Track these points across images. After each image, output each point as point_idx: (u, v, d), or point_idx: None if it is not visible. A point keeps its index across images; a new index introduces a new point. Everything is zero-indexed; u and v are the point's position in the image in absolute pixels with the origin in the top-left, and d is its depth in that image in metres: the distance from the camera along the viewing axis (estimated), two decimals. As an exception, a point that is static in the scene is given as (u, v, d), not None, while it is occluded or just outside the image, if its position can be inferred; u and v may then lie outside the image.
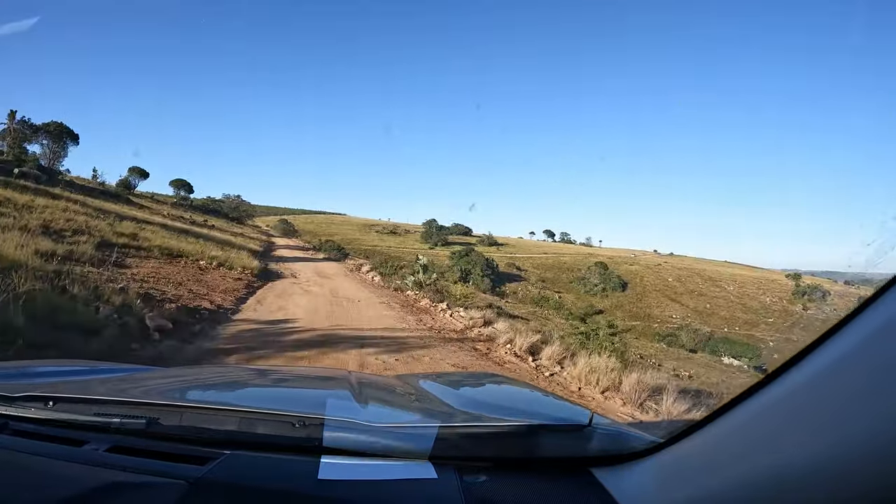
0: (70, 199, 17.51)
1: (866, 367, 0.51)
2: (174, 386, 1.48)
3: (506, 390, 1.85)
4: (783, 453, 0.56)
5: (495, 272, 43.76)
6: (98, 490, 0.74)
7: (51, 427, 0.97)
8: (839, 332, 0.57)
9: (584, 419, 0.98)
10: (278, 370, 2.66)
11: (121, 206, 26.24)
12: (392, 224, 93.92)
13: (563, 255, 68.17)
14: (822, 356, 0.58)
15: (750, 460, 0.61)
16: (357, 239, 66.69)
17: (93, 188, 32.66)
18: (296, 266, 20.31)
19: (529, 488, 0.86)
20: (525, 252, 69.44)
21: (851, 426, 0.49)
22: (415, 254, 64.73)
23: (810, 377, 0.58)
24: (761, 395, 0.65)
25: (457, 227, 77.86)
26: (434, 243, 66.90)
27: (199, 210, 46.94)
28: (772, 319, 46.13)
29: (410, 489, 0.82)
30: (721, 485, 0.65)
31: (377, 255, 31.58)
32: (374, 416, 1.02)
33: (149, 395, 1.20)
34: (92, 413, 0.98)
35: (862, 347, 0.53)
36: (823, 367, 0.57)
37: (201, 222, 36.41)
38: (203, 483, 0.78)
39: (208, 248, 15.43)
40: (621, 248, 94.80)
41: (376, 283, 17.63)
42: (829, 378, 0.56)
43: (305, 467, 0.85)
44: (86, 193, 25.32)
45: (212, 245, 17.40)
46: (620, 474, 0.88)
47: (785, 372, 0.62)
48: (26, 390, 1.05)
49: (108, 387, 1.30)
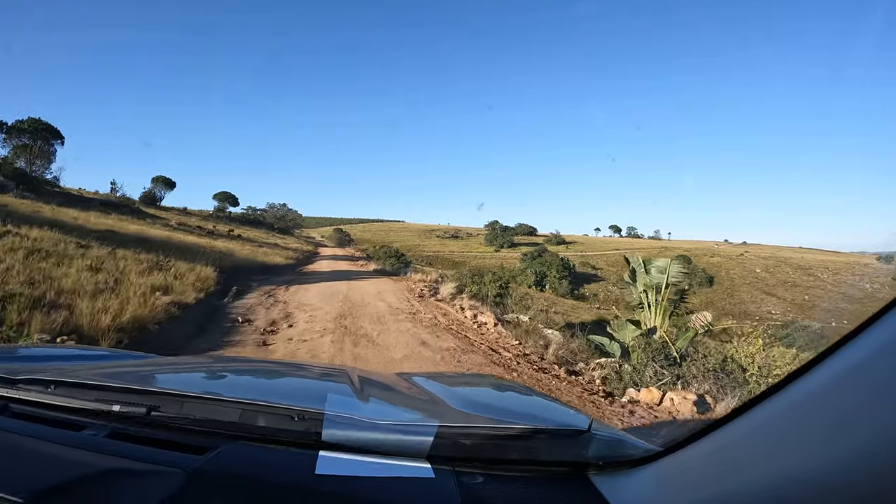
0: None
1: (879, 378, 0.50)
2: (175, 374, 1.45)
3: (507, 393, 1.68)
4: (783, 466, 0.55)
5: (572, 273, 40.08)
6: (95, 475, 0.71)
7: (51, 411, 0.96)
8: (845, 346, 0.55)
9: (583, 425, 0.93)
10: (280, 364, 2.73)
11: (111, 219, 18.54)
12: (453, 228, 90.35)
13: (636, 251, 61.10)
14: (826, 369, 0.56)
15: (749, 472, 0.59)
16: (417, 245, 64.51)
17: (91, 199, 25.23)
18: (318, 292, 10.45)
19: (526, 491, 0.83)
20: (594, 249, 66.24)
21: (855, 440, 0.48)
22: (485, 258, 55.49)
23: (814, 390, 0.57)
24: (763, 408, 0.63)
25: (521, 227, 74.46)
26: (500, 245, 63.98)
27: (237, 222, 39.64)
28: (883, 310, 37.76)
29: (407, 487, 0.79)
30: (719, 496, 0.63)
31: (444, 263, 23.32)
32: (373, 413, 1.01)
33: (149, 382, 1.16)
34: (92, 398, 0.97)
35: (878, 356, 0.51)
36: (827, 381, 0.55)
37: (225, 233, 28.23)
38: (201, 473, 0.76)
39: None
40: (691, 240, 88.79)
41: (492, 334, 7.35)
42: (834, 391, 0.54)
43: (303, 461, 0.83)
44: (81, 207, 19.20)
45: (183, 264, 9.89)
46: (618, 481, 0.85)
47: (788, 385, 0.60)
48: (28, 373, 1.04)
49: (110, 373, 1.26)
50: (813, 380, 0.57)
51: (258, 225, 42.41)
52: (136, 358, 1.64)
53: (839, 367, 0.54)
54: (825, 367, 0.56)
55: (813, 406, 0.55)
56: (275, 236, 38.14)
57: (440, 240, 74.22)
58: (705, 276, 46.81)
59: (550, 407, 1.46)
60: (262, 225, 43.35)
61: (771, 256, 57.62)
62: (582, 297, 38.07)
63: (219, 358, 3.58)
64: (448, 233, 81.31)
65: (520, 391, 1.85)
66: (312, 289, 10.84)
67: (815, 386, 0.56)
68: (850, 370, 0.52)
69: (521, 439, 0.90)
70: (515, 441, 0.90)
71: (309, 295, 9.73)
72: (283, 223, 47.29)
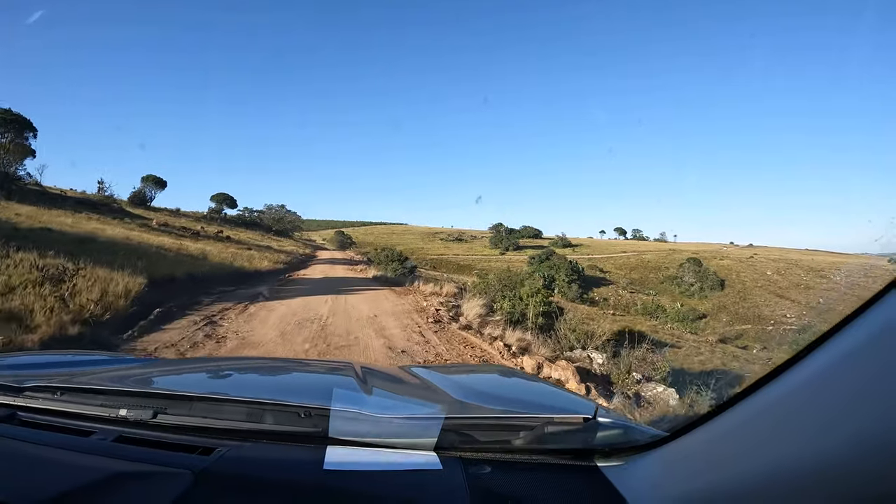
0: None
1: (872, 365, 0.50)
2: (180, 376, 1.44)
3: (511, 382, 1.69)
4: (787, 449, 0.55)
5: (581, 276, 37.90)
6: (104, 480, 0.71)
7: (58, 417, 0.95)
8: (845, 329, 0.56)
9: (589, 412, 0.93)
10: (284, 361, 2.65)
11: (69, 217, 16.18)
12: (457, 231, 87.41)
13: (644, 254, 61.28)
14: (829, 352, 0.56)
15: (754, 455, 0.59)
16: (421, 248, 62.56)
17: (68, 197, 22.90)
18: (286, 315, 7.84)
19: (533, 480, 0.84)
20: (601, 252, 63.89)
21: (856, 423, 0.48)
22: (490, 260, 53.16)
23: (817, 373, 0.57)
24: (767, 391, 0.63)
25: (526, 230, 72.09)
26: (505, 248, 61.86)
27: (232, 223, 37.21)
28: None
29: (415, 479, 0.79)
30: (724, 479, 0.63)
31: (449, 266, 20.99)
32: (379, 407, 0.98)
33: (155, 385, 1.16)
34: (99, 403, 0.97)
35: (869, 343, 0.52)
36: (831, 363, 0.55)
37: (213, 234, 25.80)
38: (209, 473, 0.76)
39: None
40: (697, 242, 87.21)
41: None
42: (836, 374, 0.54)
43: (311, 457, 0.83)
44: (49, 205, 17.31)
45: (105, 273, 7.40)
46: (624, 467, 0.86)
47: (790, 368, 0.60)
48: (35, 380, 1.03)
49: (115, 377, 1.24)
50: (811, 365, 0.57)
51: (254, 227, 39.98)
52: (140, 362, 1.73)
53: (839, 351, 0.54)
54: (823, 352, 0.56)
55: (813, 391, 0.55)
56: (270, 239, 35.66)
57: (444, 242, 71.94)
58: (716, 280, 44.62)
59: (555, 394, 1.46)
60: (259, 227, 40.87)
61: (781, 258, 55.31)
62: (593, 302, 35.56)
63: (222, 357, 3.63)
64: (452, 235, 78.87)
65: (525, 379, 1.85)
66: (281, 308, 8.13)
67: (815, 371, 0.56)
68: (850, 353, 0.52)
69: (527, 428, 0.90)
70: (521, 430, 0.90)
71: (270, 321, 7.00)
72: (281, 225, 44.79)
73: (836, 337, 0.56)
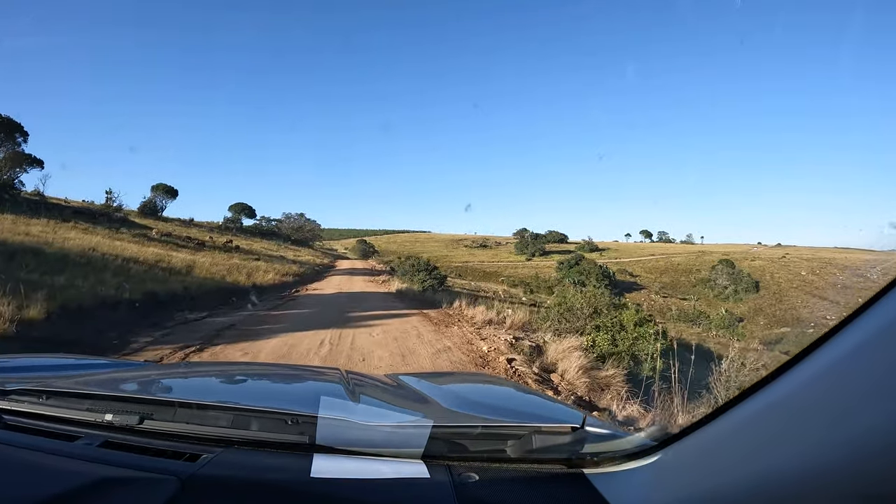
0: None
1: (865, 372, 0.49)
2: (168, 382, 1.40)
3: (500, 391, 1.66)
4: (776, 458, 0.54)
5: (612, 281, 36.07)
6: (90, 485, 0.70)
7: (44, 421, 0.93)
8: (836, 336, 0.54)
9: (577, 421, 0.91)
10: (272, 366, 2.64)
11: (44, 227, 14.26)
12: (481, 237, 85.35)
13: (673, 256, 59.10)
14: (817, 360, 0.55)
15: (742, 465, 0.58)
16: (445, 255, 60.66)
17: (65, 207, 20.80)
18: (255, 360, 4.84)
19: (522, 489, 0.82)
20: (629, 255, 61.80)
21: (860, 424, 0.47)
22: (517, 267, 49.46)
23: (807, 381, 0.55)
24: (755, 400, 0.61)
25: (552, 235, 69.38)
26: (531, 254, 59.42)
27: (248, 233, 35.02)
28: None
29: (402, 488, 0.78)
30: (716, 486, 0.62)
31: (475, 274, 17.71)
32: (367, 415, 0.97)
33: (142, 390, 1.15)
34: (85, 408, 0.94)
35: (860, 351, 0.50)
36: (820, 371, 0.54)
37: (221, 244, 23.30)
38: (195, 480, 0.74)
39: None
40: (724, 243, 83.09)
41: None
42: (826, 382, 0.53)
43: (298, 465, 0.81)
44: (39, 215, 15.59)
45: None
46: (612, 476, 0.84)
47: (781, 375, 0.59)
48: (20, 384, 1.01)
49: (102, 382, 1.21)
50: (802, 372, 0.56)
51: (272, 237, 37.82)
52: (128, 366, 1.64)
53: (839, 351, 0.52)
54: (814, 360, 0.55)
55: (803, 399, 0.54)
56: (286, 248, 33.44)
57: (468, 249, 69.62)
58: (751, 281, 42.27)
59: (544, 404, 1.44)
60: (277, 236, 38.76)
61: (813, 258, 52.36)
62: (625, 308, 31.86)
63: (210, 363, 3.50)
64: (476, 242, 76.67)
65: (513, 388, 1.80)
66: (244, 359, 4.97)
67: (805, 378, 0.55)
68: (854, 352, 0.50)
69: (516, 437, 0.88)
70: (510, 439, 0.89)
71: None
72: (300, 234, 42.58)
73: (836, 337, 0.54)
